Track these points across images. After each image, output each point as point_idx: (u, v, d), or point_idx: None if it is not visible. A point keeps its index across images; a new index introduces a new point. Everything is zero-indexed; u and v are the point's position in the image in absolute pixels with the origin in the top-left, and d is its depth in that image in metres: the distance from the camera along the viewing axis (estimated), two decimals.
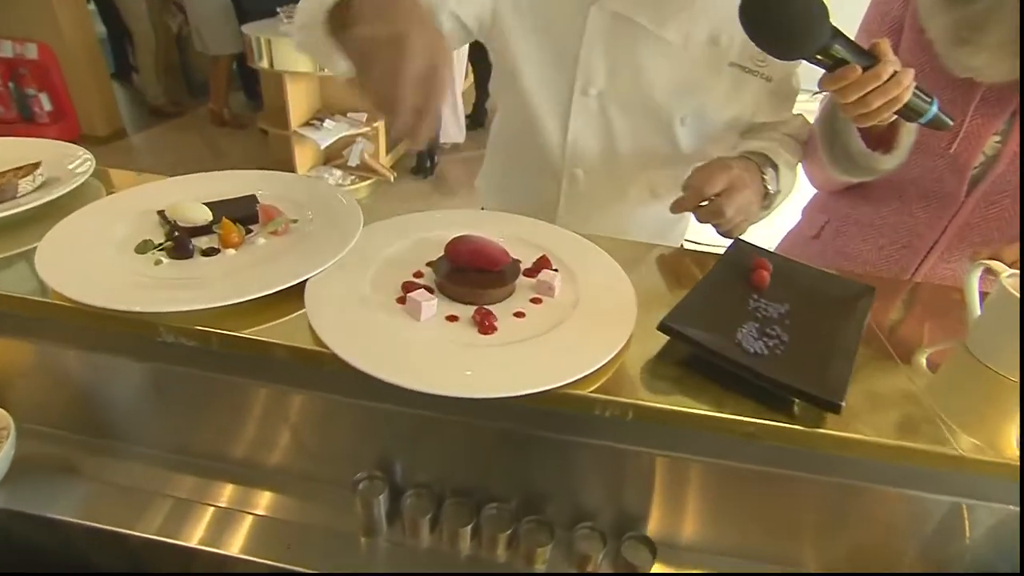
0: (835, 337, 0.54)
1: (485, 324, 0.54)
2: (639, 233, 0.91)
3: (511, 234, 0.69)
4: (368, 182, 3.30)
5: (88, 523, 0.63)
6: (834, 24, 0.61)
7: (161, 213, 0.66)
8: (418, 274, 0.62)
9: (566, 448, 0.60)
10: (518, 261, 0.63)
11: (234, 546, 0.62)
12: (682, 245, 1.05)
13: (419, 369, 0.49)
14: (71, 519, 0.64)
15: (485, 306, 0.57)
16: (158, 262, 0.60)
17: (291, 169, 3.08)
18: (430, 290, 0.58)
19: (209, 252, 0.62)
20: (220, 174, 0.77)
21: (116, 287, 0.55)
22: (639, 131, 0.81)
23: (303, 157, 3.13)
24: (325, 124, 3.07)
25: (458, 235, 0.61)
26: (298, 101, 3.01)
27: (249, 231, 0.66)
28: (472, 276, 0.58)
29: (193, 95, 4.61)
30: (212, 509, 0.65)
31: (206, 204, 0.66)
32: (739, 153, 0.78)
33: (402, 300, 0.57)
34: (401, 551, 0.63)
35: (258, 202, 0.69)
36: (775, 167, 0.77)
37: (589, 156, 0.84)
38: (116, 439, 0.70)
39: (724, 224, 0.72)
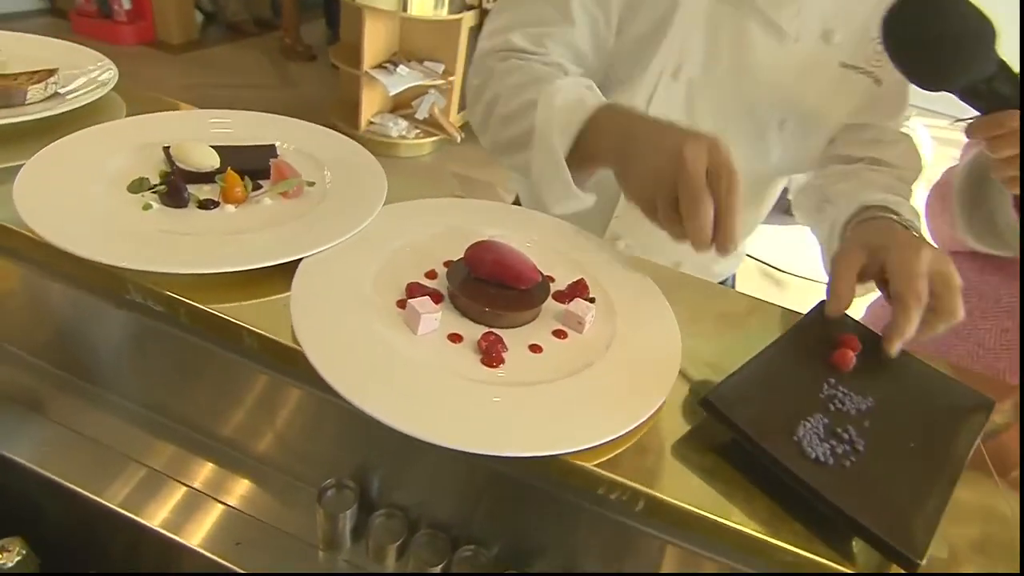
0: (928, 460, 0.42)
1: (491, 354, 0.45)
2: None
3: (549, 244, 0.59)
4: (433, 139, 3.20)
5: (48, 475, 0.59)
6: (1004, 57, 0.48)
7: (167, 150, 0.59)
8: (431, 274, 0.52)
9: (564, 507, 0.51)
10: (550, 280, 0.53)
11: (193, 536, 0.57)
12: (733, 279, 0.94)
13: (395, 397, 0.40)
14: (29, 464, 0.59)
15: (497, 330, 0.47)
16: (147, 207, 0.53)
17: (356, 112, 3.01)
18: (439, 298, 0.49)
19: (206, 204, 0.55)
20: (248, 115, 0.69)
21: (90, 229, 0.48)
22: (727, 130, 0.70)
23: (370, 100, 3.04)
24: (398, 69, 2.97)
25: (483, 239, 0.51)
26: (375, 39, 2.88)
27: (259, 187, 0.58)
28: (490, 291, 0.48)
29: (278, 16, 4.57)
30: (184, 489, 0.59)
31: (217, 147, 0.59)
32: (864, 207, 0.60)
33: (403, 304, 0.48)
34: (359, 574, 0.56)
35: (275, 155, 0.62)
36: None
37: None
38: (94, 384, 0.65)
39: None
